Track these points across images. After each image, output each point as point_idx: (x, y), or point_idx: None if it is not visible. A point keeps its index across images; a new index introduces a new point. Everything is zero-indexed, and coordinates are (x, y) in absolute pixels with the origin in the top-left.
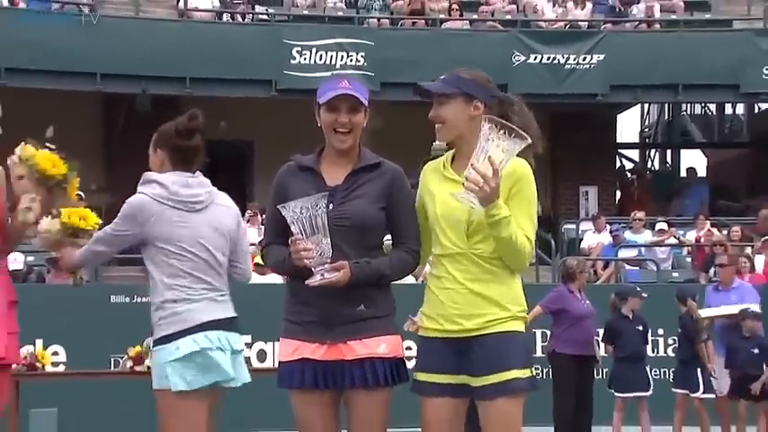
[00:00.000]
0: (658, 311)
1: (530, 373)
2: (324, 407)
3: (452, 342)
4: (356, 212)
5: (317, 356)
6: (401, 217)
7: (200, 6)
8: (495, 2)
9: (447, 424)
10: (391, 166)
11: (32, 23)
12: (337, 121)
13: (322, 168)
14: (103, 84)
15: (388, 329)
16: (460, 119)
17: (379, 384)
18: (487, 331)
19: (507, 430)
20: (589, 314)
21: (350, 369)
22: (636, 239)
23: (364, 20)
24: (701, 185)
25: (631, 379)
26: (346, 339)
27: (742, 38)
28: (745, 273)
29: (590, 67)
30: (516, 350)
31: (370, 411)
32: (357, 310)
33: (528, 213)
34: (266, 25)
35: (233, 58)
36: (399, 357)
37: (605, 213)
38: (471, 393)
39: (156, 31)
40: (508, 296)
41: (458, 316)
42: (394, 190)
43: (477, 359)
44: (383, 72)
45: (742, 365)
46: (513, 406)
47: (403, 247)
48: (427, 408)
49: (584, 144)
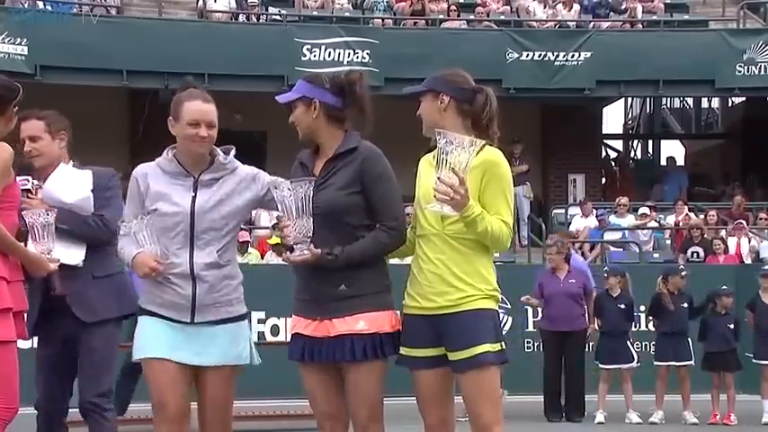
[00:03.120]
0: (640, 289)
1: (499, 347)
2: (321, 375)
3: (429, 318)
4: (325, 200)
5: (308, 332)
6: (374, 197)
7: (217, 8)
8: (491, 3)
9: (437, 392)
10: (365, 150)
11: (64, 24)
12: None
13: (315, 160)
14: (129, 79)
15: (371, 307)
16: (431, 112)
17: (356, 359)
18: (459, 309)
19: (483, 400)
20: (564, 293)
21: (333, 344)
22: (620, 223)
23: (369, 20)
24: (680, 173)
25: (616, 352)
26: (331, 317)
27: (717, 37)
28: (720, 254)
29: (578, 64)
30: (486, 326)
31: (358, 383)
32: (339, 289)
33: (503, 197)
34: (278, 25)
35: (248, 55)
36: (383, 333)
37: (592, 199)
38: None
39: (178, 31)
40: (478, 275)
41: (432, 293)
42: (364, 173)
43: (451, 335)
44: (387, 68)
45: (716, 341)
46: (486, 377)
47: (379, 227)
48: (416, 380)
49: (572, 135)
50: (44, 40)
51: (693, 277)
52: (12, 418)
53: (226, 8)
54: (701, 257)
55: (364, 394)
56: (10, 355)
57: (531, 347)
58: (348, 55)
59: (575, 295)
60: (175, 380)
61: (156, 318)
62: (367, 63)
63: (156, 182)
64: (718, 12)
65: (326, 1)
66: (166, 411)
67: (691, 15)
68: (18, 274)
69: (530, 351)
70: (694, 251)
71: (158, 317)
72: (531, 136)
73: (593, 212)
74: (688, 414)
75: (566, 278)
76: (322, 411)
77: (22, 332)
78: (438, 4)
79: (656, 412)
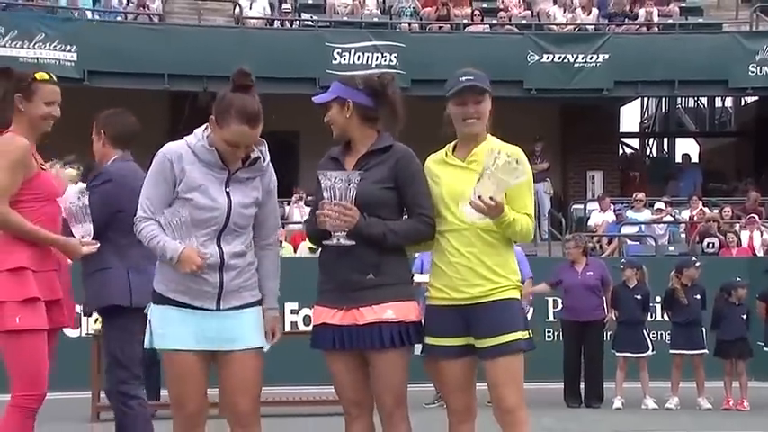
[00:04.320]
0: (656, 281)
1: (528, 335)
2: (348, 363)
3: (459, 309)
4: (360, 193)
5: (335, 321)
6: (411, 191)
7: (253, 15)
8: (512, 8)
9: (462, 379)
10: (400, 149)
11: (110, 32)
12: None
13: (346, 156)
14: (170, 83)
15: (397, 296)
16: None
17: (384, 346)
18: (490, 298)
19: (509, 384)
20: (582, 284)
21: (362, 332)
22: (636, 218)
23: (397, 25)
24: (695, 170)
25: (633, 341)
26: (358, 305)
27: (730, 39)
28: (733, 247)
29: (596, 66)
30: (515, 315)
31: (384, 370)
32: (366, 278)
33: (528, 192)
34: (311, 30)
35: (281, 59)
36: (409, 321)
37: (609, 195)
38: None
39: (216, 37)
40: (506, 266)
41: (463, 285)
42: (400, 169)
43: (482, 323)
44: (413, 71)
45: (730, 330)
46: (515, 363)
47: (417, 216)
48: (441, 368)
49: (590, 134)
50: (91, 47)
51: (708, 269)
52: (33, 406)
53: (261, 15)
54: (716, 248)
55: (391, 381)
56: (31, 344)
57: (552, 337)
58: (376, 58)
59: (592, 287)
60: (197, 373)
61: (177, 306)
62: (394, 66)
63: (191, 168)
64: (732, 15)
65: (356, 7)
66: (189, 404)
67: (705, 18)
68: (49, 264)
69: (550, 340)
70: (710, 242)
71: (179, 305)
72: (551, 135)
73: (610, 207)
74: (702, 400)
75: (584, 270)
76: (348, 398)
77: (64, 320)
78: (462, 9)
79: (671, 398)
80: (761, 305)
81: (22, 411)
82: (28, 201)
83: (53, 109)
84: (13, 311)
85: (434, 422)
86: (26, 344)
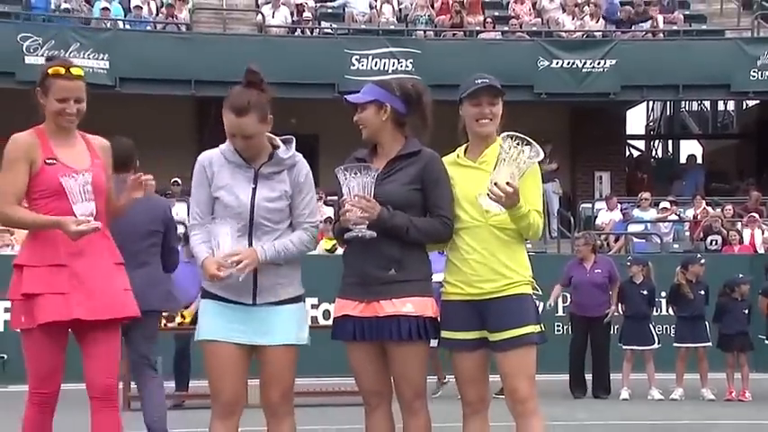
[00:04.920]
0: (661, 277)
1: (540, 328)
2: (368, 354)
3: (473, 303)
4: (390, 193)
5: (356, 313)
6: (434, 193)
7: (275, 23)
8: (523, 16)
9: (476, 372)
10: (428, 154)
11: (140, 41)
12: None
13: (373, 159)
14: (197, 89)
15: (417, 292)
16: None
17: (402, 339)
18: (503, 293)
19: (521, 376)
20: (590, 282)
21: (382, 324)
22: (643, 216)
23: (412, 32)
24: (699, 170)
25: (639, 335)
26: (379, 299)
27: (733, 45)
28: (735, 244)
29: (604, 71)
30: (528, 309)
31: (403, 362)
32: (388, 273)
33: (537, 190)
34: (330, 38)
35: (302, 65)
36: (426, 317)
37: (616, 194)
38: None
39: (240, 45)
40: (519, 262)
41: (478, 281)
42: (426, 173)
43: (495, 317)
44: (428, 76)
45: (733, 324)
46: (527, 355)
47: (437, 217)
48: (457, 361)
49: (598, 135)
50: (123, 56)
51: (711, 265)
52: (42, 402)
53: (283, 23)
54: (719, 245)
55: (410, 373)
56: (31, 342)
57: (561, 331)
58: (393, 64)
59: (600, 284)
60: (232, 364)
61: (217, 300)
62: (410, 71)
63: (220, 169)
64: (734, 22)
65: (373, 15)
66: (223, 394)
67: (708, 25)
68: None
69: (559, 334)
70: (713, 239)
71: (221, 299)
72: (560, 137)
73: (617, 207)
74: (706, 391)
75: (592, 268)
76: (368, 389)
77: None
78: (475, 17)
79: (676, 389)
80: (763, 300)
81: (33, 407)
82: (36, 198)
83: (67, 106)
84: (17, 310)
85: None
86: (28, 342)
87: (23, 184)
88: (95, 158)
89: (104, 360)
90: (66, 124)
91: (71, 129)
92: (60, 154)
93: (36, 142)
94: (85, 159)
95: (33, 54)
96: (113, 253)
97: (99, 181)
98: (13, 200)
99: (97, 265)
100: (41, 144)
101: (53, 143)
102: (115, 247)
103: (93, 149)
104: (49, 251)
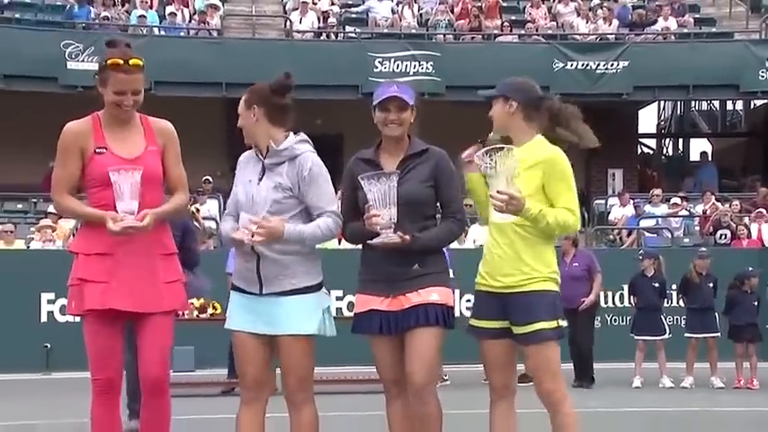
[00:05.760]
0: (672, 270)
1: (556, 324)
2: (391, 346)
3: (496, 295)
4: (408, 191)
5: (383, 307)
6: (446, 192)
7: (302, 28)
8: (539, 20)
9: (501, 359)
10: (436, 152)
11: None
12: (388, 118)
13: (380, 158)
14: (228, 91)
15: (439, 283)
16: (501, 115)
17: (429, 323)
18: (522, 289)
19: (543, 370)
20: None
21: (408, 314)
22: (654, 212)
23: (433, 36)
24: (711, 167)
25: (651, 325)
26: (405, 292)
27: (741, 47)
28: (744, 239)
29: (617, 72)
30: (545, 305)
31: (422, 346)
32: (413, 268)
33: (566, 187)
34: (354, 42)
35: (327, 68)
36: (450, 306)
37: (629, 191)
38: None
39: (268, 49)
40: (540, 259)
41: (499, 275)
42: (439, 170)
43: (514, 311)
44: (448, 78)
45: (742, 315)
46: (545, 350)
47: (449, 218)
48: (483, 348)
49: (611, 134)
50: (157, 60)
51: (721, 259)
52: (98, 389)
53: (309, 28)
54: (728, 239)
55: (427, 357)
56: (86, 328)
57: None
58: (414, 66)
59: (578, 277)
60: (252, 350)
61: (238, 291)
62: (431, 73)
63: (244, 166)
64: (743, 24)
65: (395, 20)
66: (245, 379)
67: (718, 28)
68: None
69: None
70: (723, 233)
71: (239, 290)
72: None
73: (630, 202)
74: (715, 379)
75: (571, 261)
76: (390, 378)
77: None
78: (493, 21)
79: (686, 378)
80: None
81: (93, 394)
82: (88, 187)
83: (124, 98)
84: (70, 296)
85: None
86: (84, 328)
87: (74, 173)
88: (150, 145)
89: (149, 353)
90: (122, 116)
91: (129, 116)
92: (111, 142)
93: (89, 130)
94: (139, 147)
95: (75, 60)
96: (163, 244)
97: (151, 171)
98: (65, 189)
99: (141, 256)
100: (94, 131)
101: (106, 131)
102: (168, 238)
103: (152, 134)
104: (99, 239)
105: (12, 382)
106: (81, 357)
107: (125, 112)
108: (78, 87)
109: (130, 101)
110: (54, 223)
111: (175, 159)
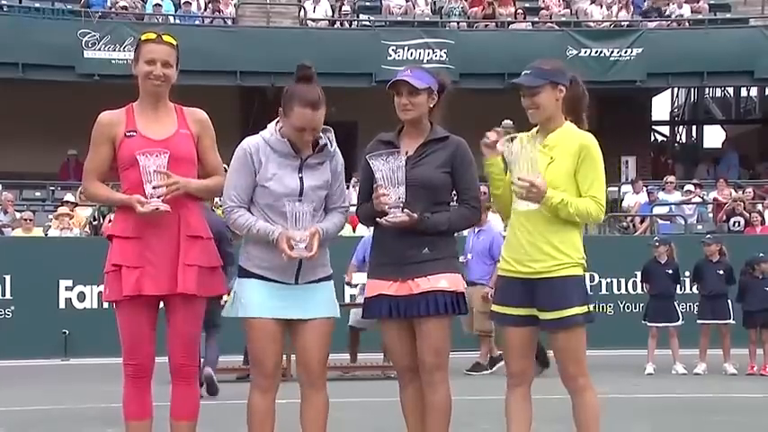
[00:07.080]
0: (685, 257)
1: (586, 309)
2: (400, 332)
3: (523, 281)
4: (422, 175)
5: (392, 292)
6: (463, 178)
7: (316, 17)
8: (553, 7)
9: (522, 346)
10: (456, 139)
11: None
12: (400, 102)
13: (401, 142)
14: (242, 79)
15: (449, 268)
16: (551, 102)
17: (439, 312)
18: (552, 275)
19: (569, 355)
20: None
21: (417, 301)
22: (667, 199)
23: (446, 23)
24: (732, 154)
25: (664, 312)
26: (413, 277)
27: (756, 33)
28: (757, 225)
29: (630, 59)
30: (574, 291)
31: (433, 333)
32: (422, 252)
33: (595, 175)
34: (368, 30)
35: (342, 56)
36: (460, 292)
37: (642, 178)
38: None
39: (283, 37)
40: (569, 245)
41: (527, 260)
42: (457, 158)
43: (543, 297)
44: (462, 65)
45: (755, 301)
46: (574, 336)
47: (464, 203)
48: (506, 334)
49: (625, 121)
50: None
51: (734, 246)
52: (129, 373)
53: (323, 16)
54: (742, 226)
55: (439, 344)
56: (119, 313)
57: None
58: (428, 54)
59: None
60: (273, 338)
61: (260, 279)
62: (444, 61)
63: (267, 159)
64: (758, 10)
65: (409, 8)
66: (263, 367)
67: (733, 14)
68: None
69: None
70: (736, 220)
71: (262, 278)
72: (588, 123)
73: (643, 190)
74: (728, 366)
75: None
76: (403, 365)
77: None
78: (507, 8)
79: (699, 364)
80: None
81: (125, 378)
82: (121, 170)
83: (154, 68)
84: (106, 283)
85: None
86: (117, 313)
87: (104, 162)
88: (182, 128)
89: (178, 338)
90: (152, 88)
91: (160, 95)
92: (142, 124)
93: (121, 120)
94: (169, 129)
95: (91, 48)
96: (189, 225)
97: (180, 152)
98: (94, 177)
99: (165, 238)
100: (126, 119)
101: (138, 116)
102: (197, 219)
103: (184, 120)
104: (131, 223)
105: (31, 368)
106: (99, 343)
107: (155, 84)
108: (95, 76)
109: (160, 71)
110: (71, 211)
111: (211, 147)
